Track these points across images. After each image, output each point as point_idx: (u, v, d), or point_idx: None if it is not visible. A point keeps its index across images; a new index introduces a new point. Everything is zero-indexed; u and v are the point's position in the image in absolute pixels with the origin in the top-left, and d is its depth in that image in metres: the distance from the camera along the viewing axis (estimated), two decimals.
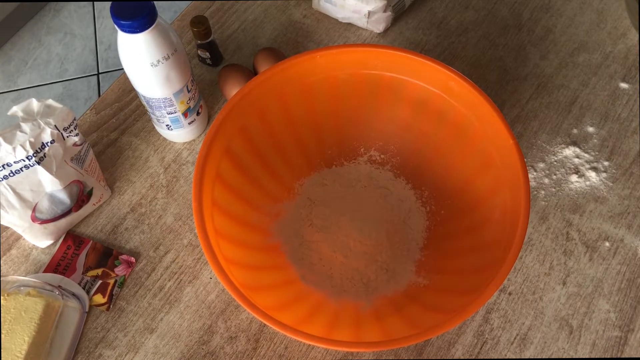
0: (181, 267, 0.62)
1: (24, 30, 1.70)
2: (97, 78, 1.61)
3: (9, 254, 0.63)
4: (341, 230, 0.62)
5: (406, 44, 0.77)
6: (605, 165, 0.67)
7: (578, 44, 0.76)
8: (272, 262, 0.60)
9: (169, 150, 0.69)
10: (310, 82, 0.60)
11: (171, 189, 0.67)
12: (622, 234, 0.63)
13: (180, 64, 0.59)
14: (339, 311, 0.57)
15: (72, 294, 0.59)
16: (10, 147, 0.53)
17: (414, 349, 0.58)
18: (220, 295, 0.61)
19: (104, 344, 0.59)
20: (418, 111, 0.61)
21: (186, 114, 0.65)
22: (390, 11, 0.75)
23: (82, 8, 1.74)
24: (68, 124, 0.56)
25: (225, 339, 0.59)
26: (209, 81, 0.74)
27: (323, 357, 0.58)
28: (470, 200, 0.59)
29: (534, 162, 0.68)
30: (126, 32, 0.54)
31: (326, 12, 0.78)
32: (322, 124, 0.64)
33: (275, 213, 0.63)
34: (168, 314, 0.60)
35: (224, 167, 0.56)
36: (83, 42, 1.67)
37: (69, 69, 1.62)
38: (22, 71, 1.63)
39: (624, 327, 0.59)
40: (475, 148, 0.57)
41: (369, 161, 0.66)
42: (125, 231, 0.64)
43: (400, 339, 0.47)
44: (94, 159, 0.63)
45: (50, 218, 0.61)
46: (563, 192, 0.66)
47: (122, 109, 0.72)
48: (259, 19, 0.79)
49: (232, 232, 0.56)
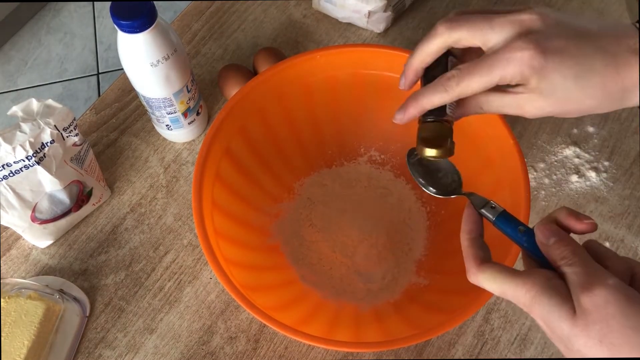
0: (181, 267, 0.62)
1: (24, 30, 1.70)
2: (97, 78, 1.61)
3: (9, 254, 0.63)
4: (341, 230, 0.62)
5: (406, 44, 0.77)
6: (606, 166, 0.67)
7: None
8: (272, 263, 0.60)
9: (169, 150, 0.69)
10: (310, 82, 0.60)
11: (171, 189, 0.67)
12: (623, 234, 0.63)
13: (180, 64, 0.59)
14: (339, 311, 0.57)
15: (73, 298, 0.59)
16: (10, 147, 0.53)
17: (414, 349, 0.58)
18: (220, 295, 0.61)
19: (103, 344, 0.59)
20: None
21: (186, 114, 0.65)
22: (391, 11, 0.75)
23: (82, 8, 1.74)
24: (68, 124, 0.56)
25: (225, 339, 0.59)
26: (209, 81, 0.74)
27: (323, 357, 0.58)
28: None
29: (534, 162, 0.68)
30: (126, 32, 0.54)
31: (326, 12, 0.78)
32: (322, 124, 0.64)
33: (275, 213, 0.63)
34: (168, 314, 0.60)
35: (224, 167, 0.56)
36: (83, 42, 1.67)
37: (69, 69, 1.62)
38: (22, 71, 1.63)
39: None
40: (475, 148, 0.57)
41: (369, 161, 0.66)
42: (125, 231, 0.64)
43: (400, 339, 0.47)
44: (93, 159, 0.63)
45: (50, 218, 0.61)
46: (563, 192, 0.66)
47: (122, 109, 0.72)
48: (259, 19, 0.79)
49: (232, 232, 0.56)
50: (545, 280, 0.34)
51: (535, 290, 0.34)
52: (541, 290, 0.34)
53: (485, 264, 0.37)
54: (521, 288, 0.35)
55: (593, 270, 0.33)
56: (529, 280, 0.34)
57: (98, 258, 0.63)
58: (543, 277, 0.34)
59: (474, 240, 0.40)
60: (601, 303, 0.32)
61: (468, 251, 0.39)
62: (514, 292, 0.35)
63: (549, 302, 0.33)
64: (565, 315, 0.33)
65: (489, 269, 0.37)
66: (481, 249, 0.39)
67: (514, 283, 0.35)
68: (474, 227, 0.40)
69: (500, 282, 0.36)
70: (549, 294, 0.33)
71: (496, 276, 0.36)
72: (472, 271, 0.38)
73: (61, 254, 0.63)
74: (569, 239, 0.36)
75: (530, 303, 0.34)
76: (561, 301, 0.33)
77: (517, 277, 0.35)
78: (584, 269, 0.34)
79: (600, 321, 0.31)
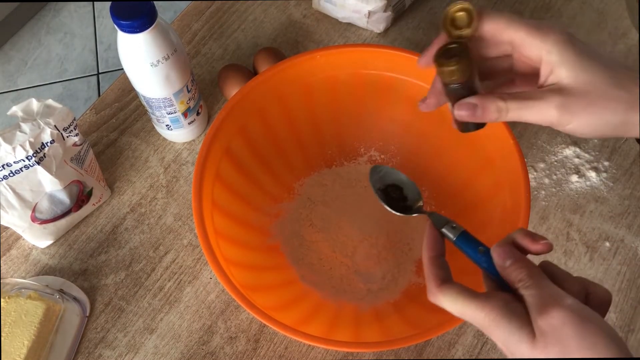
0: (181, 267, 0.62)
1: (24, 30, 1.70)
2: (97, 78, 1.61)
3: (9, 254, 0.63)
4: (341, 230, 0.62)
5: (406, 44, 0.77)
6: (606, 165, 0.67)
7: None
8: (272, 262, 0.60)
9: (169, 150, 0.69)
10: (310, 82, 0.60)
11: (171, 189, 0.67)
12: (623, 234, 0.63)
13: (180, 64, 0.59)
14: (339, 311, 0.57)
15: (73, 298, 0.59)
16: (10, 147, 0.53)
17: (414, 349, 0.58)
18: (220, 295, 0.61)
19: (103, 344, 0.59)
20: (418, 111, 0.61)
21: (186, 114, 0.65)
22: (391, 11, 0.75)
23: (82, 8, 1.74)
24: (68, 124, 0.56)
25: (225, 339, 0.59)
26: (209, 81, 0.74)
27: (323, 357, 0.58)
28: (471, 201, 0.59)
29: (534, 162, 0.68)
30: (126, 32, 0.54)
31: (326, 12, 0.78)
32: (322, 124, 0.64)
33: (275, 213, 0.63)
34: (168, 314, 0.60)
35: (224, 167, 0.56)
36: (83, 42, 1.67)
37: (69, 69, 1.62)
38: (22, 71, 1.63)
39: (624, 327, 0.59)
40: (475, 148, 0.57)
41: (369, 161, 0.66)
42: (125, 231, 0.64)
43: (400, 339, 0.47)
44: (93, 159, 0.63)
45: (50, 218, 0.61)
46: (563, 192, 0.66)
47: (122, 109, 0.72)
48: (259, 19, 0.79)
49: (232, 232, 0.56)
50: (504, 303, 0.35)
51: (494, 313, 0.34)
52: (501, 313, 0.34)
53: (445, 285, 0.38)
54: (480, 311, 0.35)
55: (549, 292, 0.34)
56: (488, 304, 0.35)
57: (98, 258, 0.63)
58: (502, 300, 0.35)
59: (434, 259, 0.40)
60: (558, 324, 0.32)
61: (428, 270, 0.39)
62: (472, 314, 0.36)
63: (508, 326, 0.34)
64: (525, 338, 0.33)
65: (449, 290, 0.37)
66: (442, 268, 0.39)
67: (473, 305, 0.36)
68: (435, 246, 0.41)
69: (460, 305, 0.36)
70: (508, 318, 0.34)
71: (456, 298, 0.37)
72: (432, 291, 0.38)
73: (61, 254, 0.63)
74: (525, 261, 0.36)
75: (489, 326, 0.35)
76: (520, 324, 0.34)
77: (477, 299, 0.36)
78: (540, 291, 0.34)
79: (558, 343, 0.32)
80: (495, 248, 0.38)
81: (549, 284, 0.35)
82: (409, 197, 0.49)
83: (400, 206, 0.48)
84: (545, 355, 0.32)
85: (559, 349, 0.32)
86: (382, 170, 0.50)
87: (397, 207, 0.48)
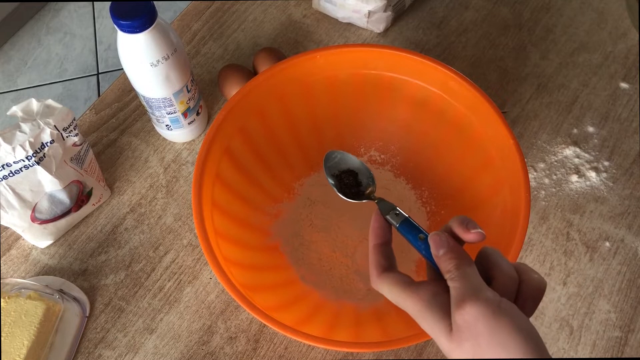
0: (181, 267, 0.62)
1: (23, 30, 1.70)
2: (96, 78, 1.61)
3: (9, 254, 0.63)
4: (341, 230, 0.62)
5: (406, 44, 0.77)
6: (606, 165, 0.67)
7: (578, 44, 0.76)
8: (272, 262, 0.60)
9: (169, 150, 0.69)
10: (310, 82, 0.60)
11: (171, 189, 0.67)
12: (623, 234, 0.63)
13: (180, 64, 0.59)
14: (339, 311, 0.57)
15: (73, 298, 0.59)
16: (9, 147, 0.53)
17: (414, 349, 0.58)
18: (220, 295, 0.61)
19: (103, 344, 0.59)
20: (418, 111, 0.61)
21: (186, 114, 0.65)
22: (390, 11, 0.75)
23: (82, 8, 1.74)
24: (68, 124, 0.56)
25: (225, 340, 0.59)
26: (209, 81, 0.74)
27: (323, 357, 0.58)
28: (471, 200, 0.59)
29: (534, 162, 0.68)
30: (126, 32, 0.54)
31: (326, 12, 0.78)
32: (322, 124, 0.64)
33: (275, 213, 0.63)
34: (168, 314, 0.60)
35: (223, 167, 0.56)
36: (83, 42, 1.67)
37: (69, 69, 1.62)
38: (21, 71, 1.63)
39: (624, 327, 0.59)
40: (475, 148, 0.57)
41: (369, 161, 0.66)
42: (125, 231, 0.64)
43: (400, 339, 0.47)
44: (93, 159, 0.63)
45: (50, 218, 0.61)
46: (563, 192, 0.66)
47: (121, 109, 0.72)
48: (259, 19, 0.79)
49: (232, 232, 0.56)
50: (431, 295, 0.35)
51: (420, 304, 0.35)
52: (426, 305, 0.35)
53: (385, 273, 0.38)
54: (410, 301, 0.36)
55: (469, 286, 0.34)
56: (416, 294, 0.36)
57: (98, 258, 0.63)
58: (430, 291, 0.36)
59: (377, 247, 0.40)
60: (471, 320, 0.32)
61: (371, 258, 0.40)
62: (404, 303, 0.36)
63: (431, 317, 0.35)
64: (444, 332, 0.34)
65: (387, 279, 0.38)
66: (384, 256, 0.40)
67: (404, 294, 0.36)
68: (380, 234, 0.41)
69: (395, 294, 0.37)
70: (431, 310, 0.35)
71: (393, 287, 0.37)
72: (373, 279, 0.39)
73: (61, 254, 0.63)
74: (457, 251, 0.36)
75: (417, 317, 0.36)
76: (441, 317, 0.34)
77: (409, 289, 0.36)
78: (461, 284, 0.34)
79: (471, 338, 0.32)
80: (432, 236, 0.38)
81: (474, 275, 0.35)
82: (363, 182, 0.48)
83: (352, 192, 0.48)
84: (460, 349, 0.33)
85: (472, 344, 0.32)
86: (337, 155, 0.50)
87: (349, 193, 0.48)
